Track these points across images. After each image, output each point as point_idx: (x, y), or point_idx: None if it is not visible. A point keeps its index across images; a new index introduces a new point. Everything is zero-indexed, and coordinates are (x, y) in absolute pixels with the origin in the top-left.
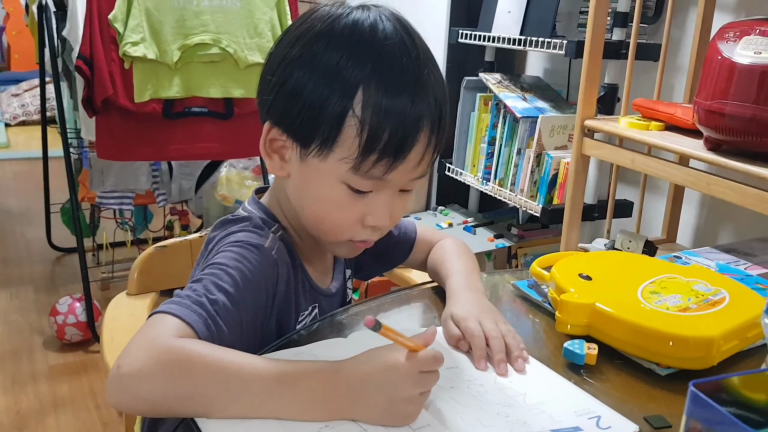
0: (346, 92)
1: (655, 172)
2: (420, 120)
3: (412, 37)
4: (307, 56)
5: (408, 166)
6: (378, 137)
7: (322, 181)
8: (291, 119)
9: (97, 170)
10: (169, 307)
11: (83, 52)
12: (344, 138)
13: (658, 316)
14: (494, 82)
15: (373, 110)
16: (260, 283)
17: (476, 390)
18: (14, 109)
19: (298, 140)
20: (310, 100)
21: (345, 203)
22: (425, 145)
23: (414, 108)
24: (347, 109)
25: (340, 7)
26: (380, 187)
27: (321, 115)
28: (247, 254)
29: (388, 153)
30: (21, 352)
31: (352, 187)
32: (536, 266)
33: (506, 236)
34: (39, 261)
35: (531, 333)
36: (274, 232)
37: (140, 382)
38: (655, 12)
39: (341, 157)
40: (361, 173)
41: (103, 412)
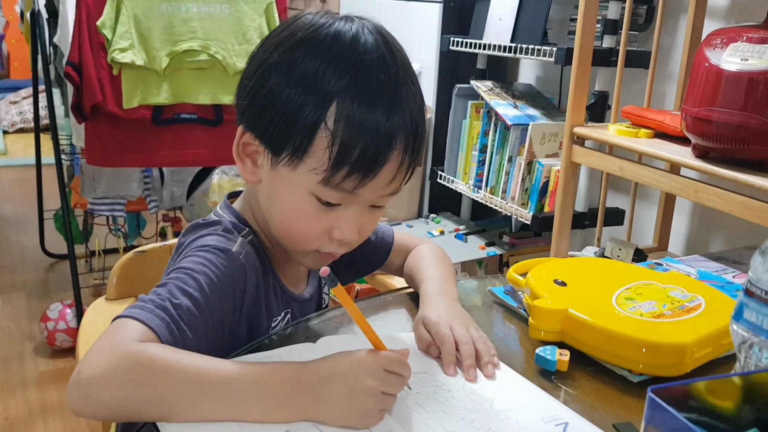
0: (321, 103)
1: (643, 179)
2: (393, 137)
3: (393, 52)
4: (285, 63)
5: (379, 183)
6: (349, 152)
7: (291, 191)
8: (264, 125)
9: (88, 177)
10: (131, 312)
11: (72, 59)
12: (315, 149)
13: (631, 323)
14: (486, 89)
15: (346, 123)
16: (227, 288)
17: (443, 396)
18: (12, 117)
19: (269, 147)
20: (284, 108)
21: (312, 214)
22: (398, 163)
23: (388, 124)
24: (320, 120)
25: (324, 16)
26: (350, 201)
27: (294, 125)
28: (214, 258)
29: (359, 168)
30: (12, 358)
31: (321, 199)
32: (512, 272)
33: (498, 244)
34: (32, 267)
35: (505, 339)
36: (244, 236)
37: (101, 387)
38: (645, 19)
39: (311, 168)
40: (331, 186)
41: (91, 420)
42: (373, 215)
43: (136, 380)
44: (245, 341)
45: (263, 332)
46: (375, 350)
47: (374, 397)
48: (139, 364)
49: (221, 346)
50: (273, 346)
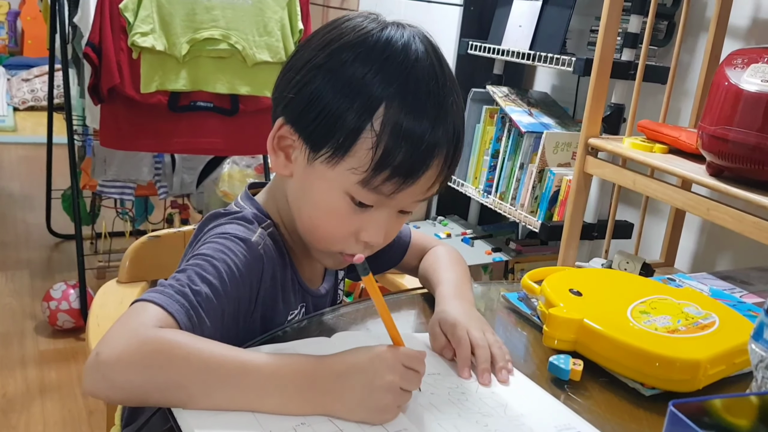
0: (369, 105)
1: (655, 194)
2: (436, 146)
3: (441, 63)
4: (335, 63)
5: (416, 190)
6: (392, 156)
7: (326, 188)
8: (307, 121)
9: (99, 159)
10: (151, 296)
11: (92, 40)
12: (358, 149)
13: (646, 336)
14: (501, 95)
15: (392, 128)
16: (245, 277)
17: (457, 398)
18: (24, 94)
19: (309, 143)
20: (331, 107)
21: (343, 214)
22: (437, 171)
23: (433, 133)
24: (366, 121)
25: (374, 20)
26: (382, 204)
27: (339, 123)
28: (233, 247)
29: (400, 173)
30: (12, 335)
31: (355, 200)
32: (527, 279)
33: (504, 250)
34: (37, 246)
35: (518, 345)
36: (264, 228)
37: (118, 371)
38: (665, 35)
39: (350, 167)
40: (369, 187)
41: (90, 401)
42: (399, 220)
43: (154, 366)
44: (259, 332)
45: (278, 324)
46: (394, 346)
47: (393, 392)
48: (158, 350)
49: (235, 335)
50: (287, 339)
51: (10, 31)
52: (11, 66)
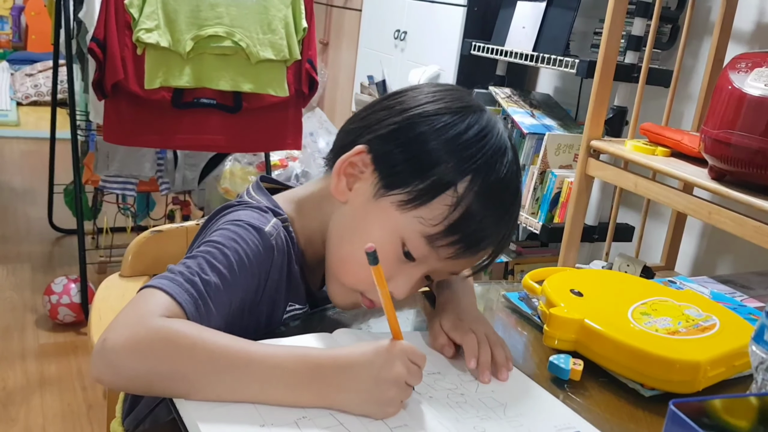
0: (462, 168)
1: (657, 197)
2: (504, 228)
3: (516, 154)
4: (443, 119)
5: (468, 262)
6: (467, 223)
7: (384, 228)
8: (393, 160)
9: (102, 154)
10: (161, 283)
11: (97, 35)
12: (436, 204)
13: (646, 337)
14: (504, 96)
15: (475, 199)
16: (254, 267)
17: (456, 399)
18: (27, 89)
19: (384, 179)
20: (426, 156)
21: (387, 258)
22: (491, 252)
23: (507, 215)
24: (451, 184)
25: (478, 106)
26: (423, 263)
27: (430, 172)
28: (245, 234)
29: (466, 242)
30: (12, 328)
31: (405, 248)
32: (528, 279)
33: (504, 251)
34: (39, 240)
35: (518, 345)
36: (280, 222)
37: (123, 358)
38: (669, 38)
39: (421, 217)
40: (431, 243)
41: (89, 394)
42: (421, 284)
43: (159, 355)
44: (263, 324)
45: (279, 316)
46: (395, 340)
47: (398, 386)
48: (164, 339)
49: (240, 324)
50: (288, 334)
51: (14, 26)
52: (15, 61)
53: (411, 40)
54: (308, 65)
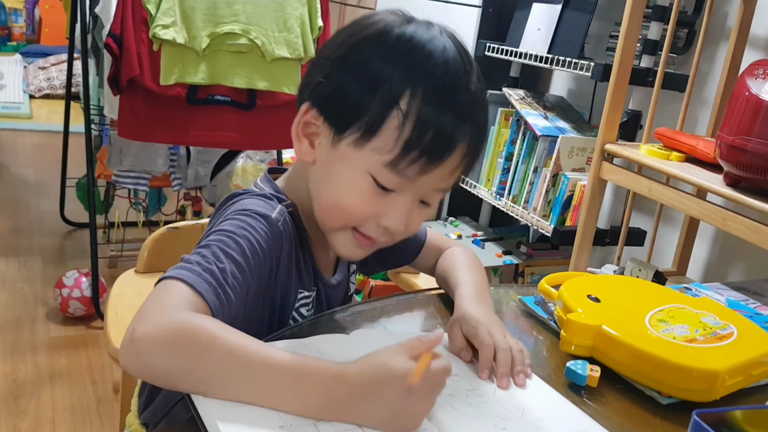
0: (401, 86)
1: (671, 202)
2: (463, 128)
3: (471, 62)
4: (364, 52)
5: (441, 173)
6: (423, 136)
7: (349, 169)
8: (334, 104)
9: (116, 148)
10: (180, 273)
11: (114, 30)
12: (385, 129)
13: (664, 345)
14: (517, 98)
15: (422, 110)
16: (266, 254)
17: (475, 400)
18: (40, 82)
19: (334, 125)
20: (362, 87)
21: (366, 194)
22: (462, 155)
23: (461, 117)
24: (397, 103)
25: (402, 17)
26: (405, 189)
27: (369, 103)
28: (254, 223)
29: (428, 153)
30: (23, 321)
31: (378, 182)
32: (545, 283)
33: (515, 253)
34: (50, 233)
35: (534, 350)
36: (285, 208)
37: (149, 351)
38: (685, 43)
39: (377, 148)
40: (394, 170)
41: (99, 388)
42: (421, 211)
43: (182, 351)
44: (278, 310)
45: (292, 303)
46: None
47: (420, 416)
48: (187, 336)
49: (256, 311)
50: (302, 335)
51: (27, 19)
52: (28, 54)
53: None
54: None
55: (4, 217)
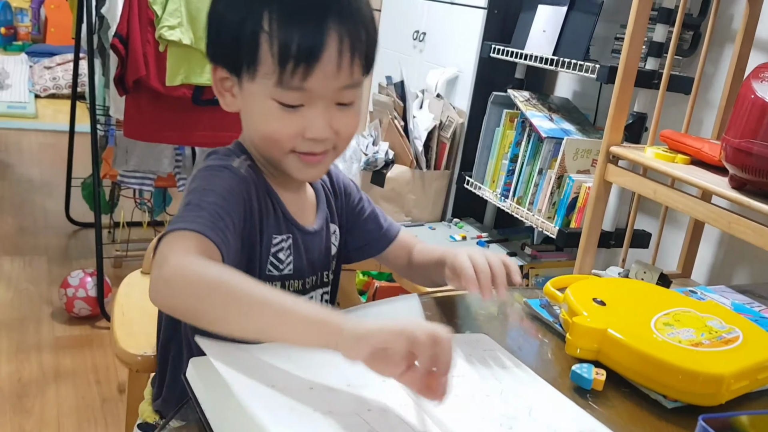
0: (256, 15)
1: (676, 205)
2: (323, 24)
3: None
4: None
5: (326, 72)
6: (288, 47)
7: (257, 101)
8: (224, 53)
9: (121, 149)
10: (179, 225)
11: (120, 31)
12: (262, 55)
13: (670, 348)
14: (522, 99)
15: (278, 25)
16: (237, 195)
17: (481, 399)
18: (45, 82)
19: (233, 71)
20: (230, 31)
21: (279, 117)
22: (337, 50)
23: (315, 16)
24: (258, 29)
25: None
26: (308, 100)
27: (240, 41)
28: (218, 174)
29: (301, 59)
30: (28, 320)
31: (282, 102)
32: (550, 286)
33: (519, 255)
34: (55, 233)
35: (539, 353)
36: (243, 158)
37: (173, 290)
38: (690, 45)
39: (264, 74)
40: (285, 86)
41: (103, 388)
42: (343, 113)
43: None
44: (257, 252)
45: (267, 246)
46: None
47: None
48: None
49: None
50: None
51: (33, 19)
52: (34, 53)
53: (430, 41)
54: None
55: (9, 217)
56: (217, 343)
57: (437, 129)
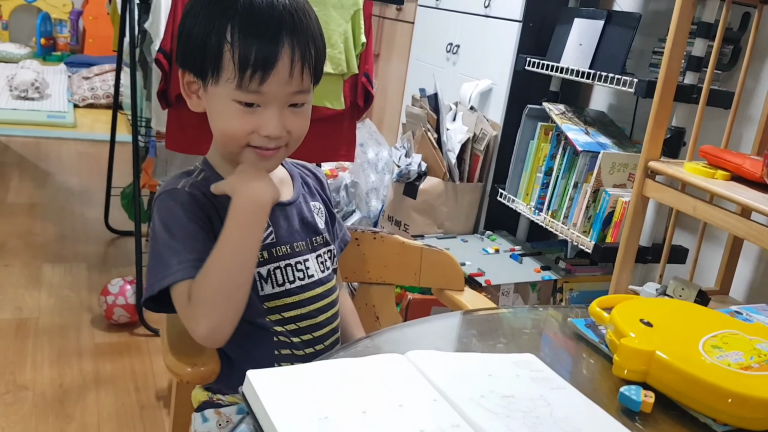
0: (221, 29)
1: (716, 222)
2: (278, 41)
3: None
4: (195, 6)
5: (279, 78)
6: (247, 56)
7: (219, 102)
8: (192, 60)
9: (161, 160)
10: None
11: (164, 46)
12: (225, 63)
13: (719, 372)
14: (557, 112)
15: (240, 38)
16: (192, 215)
17: (532, 422)
18: (84, 92)
19: (199, 75)
20: (197, 41)
21: (238, 116)
22: (290, 59)
23: (272, 33)
24: (222, 41)
25: None
26: (265, 101)
27: (206, 50)
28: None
29: (258, 67)
30: (69, 327)
31: (241, 102)
32: (596, 306)
33: (553, 269)
34: (94, 241)
35: (585, 373)
36: (196, 175)
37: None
38: (730, 59)
39: (227, 79)
40: (244, 88)
41: (142, 395)
42: (295, 115)
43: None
44: None
45: None
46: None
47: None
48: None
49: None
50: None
51: (72, 30)
52: (72, 64)
53: (463, 53)
54: (364, 79)
55: (50, 224)
56: (268, 376)
57: (470, 141)
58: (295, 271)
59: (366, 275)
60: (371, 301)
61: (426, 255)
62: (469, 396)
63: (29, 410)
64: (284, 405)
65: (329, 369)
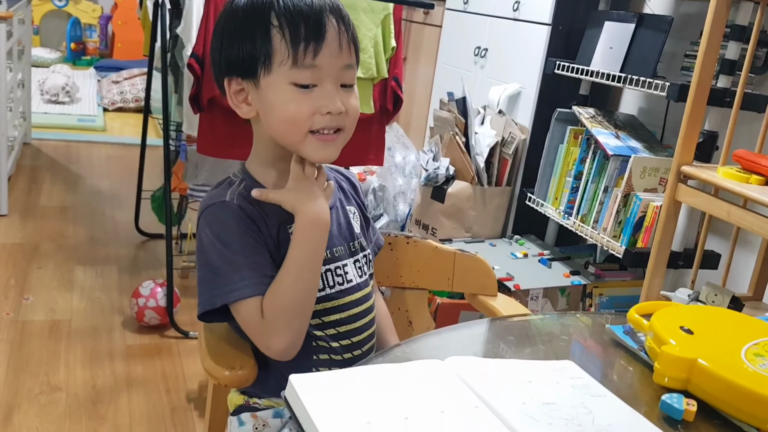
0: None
1: (751, 227)
2: (323, 12)
3: None
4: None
5: (331, 49)
6: (298, 31)
7: (275, 90)
8: (238, 60)
9: (192, 163)
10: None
11: (196, 51)
12: (276, 45)
13: (762, 380)
14: (587, 116)
15: (285, 18)
16: (246, 226)
17: (574, 429)
18: (113, 96)
19: (249, 75)
20: (243, 38)
21: (297, 98)
22: (337, 30)
23: (316, 7)
24: (269, 26)
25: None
26: (320, 78)
27: (255, 41)
28: (216, 218)
29: (311, 37)
30: (101, 329)
31: (298, 84)
32: (634, 313)
33: (582, 273)
34: (125, 243)
35: (624, 381)
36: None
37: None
38: (764, 62)
39: (280, 62)
40: (299, 64)
41: (173, 397)
42: (348, 94)
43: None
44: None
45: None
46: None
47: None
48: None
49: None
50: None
51: (101, 35)
52: (102, 68)
53: (492, 57)
54: (394, 83)
55: (81, 227)
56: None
57: (499, 145)
58: (334, 276)
59: (399, 280)
60: (404, 305)
61: (459, 260)
62: (510, 403)
63: (63, 411)
64: (328, 410)
65: (370, 374)
